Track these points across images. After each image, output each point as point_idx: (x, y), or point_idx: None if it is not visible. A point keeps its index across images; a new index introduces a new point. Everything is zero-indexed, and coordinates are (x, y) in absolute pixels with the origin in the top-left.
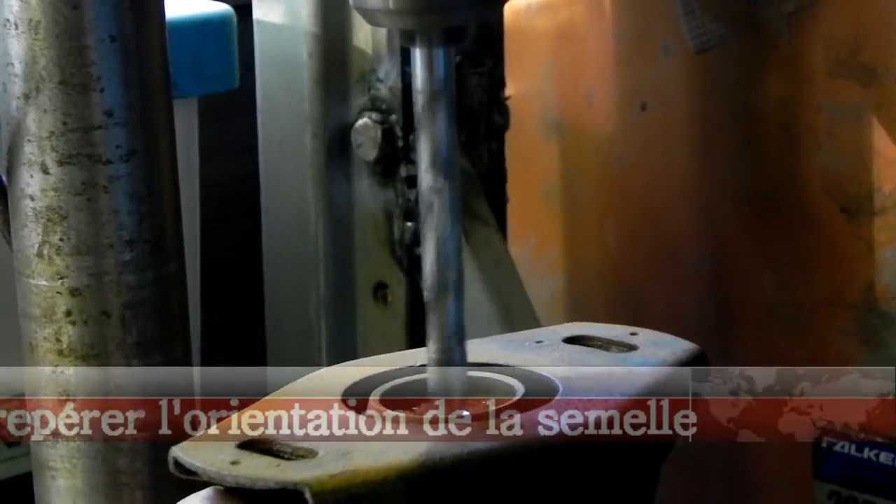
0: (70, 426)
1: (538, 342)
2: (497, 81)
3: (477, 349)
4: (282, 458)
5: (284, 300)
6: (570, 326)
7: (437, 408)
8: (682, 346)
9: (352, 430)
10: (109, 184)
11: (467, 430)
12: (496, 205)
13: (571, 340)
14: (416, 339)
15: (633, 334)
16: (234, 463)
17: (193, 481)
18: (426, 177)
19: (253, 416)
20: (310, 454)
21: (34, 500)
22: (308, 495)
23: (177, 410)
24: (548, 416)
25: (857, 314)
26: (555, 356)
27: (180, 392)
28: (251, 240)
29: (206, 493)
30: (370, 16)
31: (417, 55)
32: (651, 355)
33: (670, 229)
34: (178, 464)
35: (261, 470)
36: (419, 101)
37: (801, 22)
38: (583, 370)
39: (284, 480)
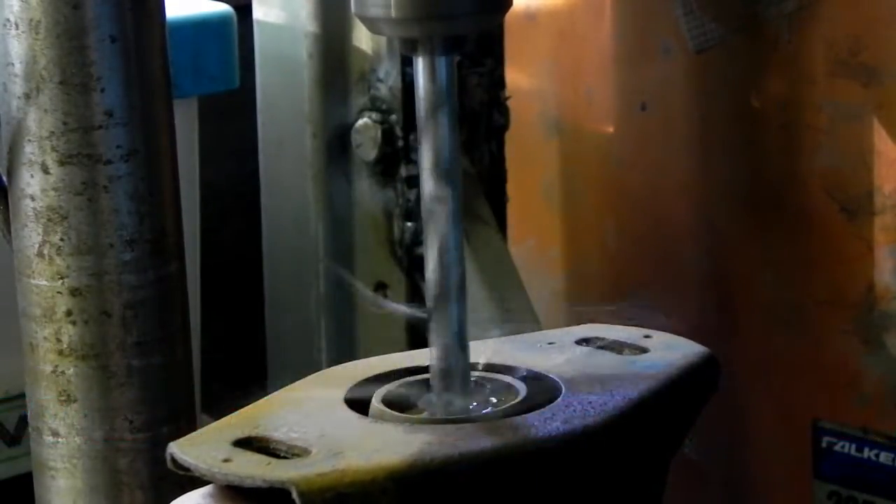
0: (70, 426)
1: (550, 343)
2: (497, 81)
3: (488, 349)
4: (276, 456)
5: (284, 300)
6: (584, 328)
7: (437, 409)
8: (693, 350)
9: (348, 430)
10: (110, 184)
11: (463, 432)
12: (496, 205)
13: (584, 342)
14: (416, 339)
15: (646, 337)
16: (225, 460)
17: (193, 478)
18: (428, 185)
19: (252, 414)
20: (303, 453)
21: (34, 500)
22: (295, 494)
23: (177, 410)
24: (545, 419)
25: (857, 314)
26: (564, 357)
27: (181, 392)
28: (251, 240)
29: (205, 490)
30: (372, 24)
31: (419, 63)
32: (661, 358)
33: (670, 229)
34: (174, 460)
35: (251, 468)
36: (421, 109)
37: (801, 22)
38: (588, 372)
39: (272, 479)
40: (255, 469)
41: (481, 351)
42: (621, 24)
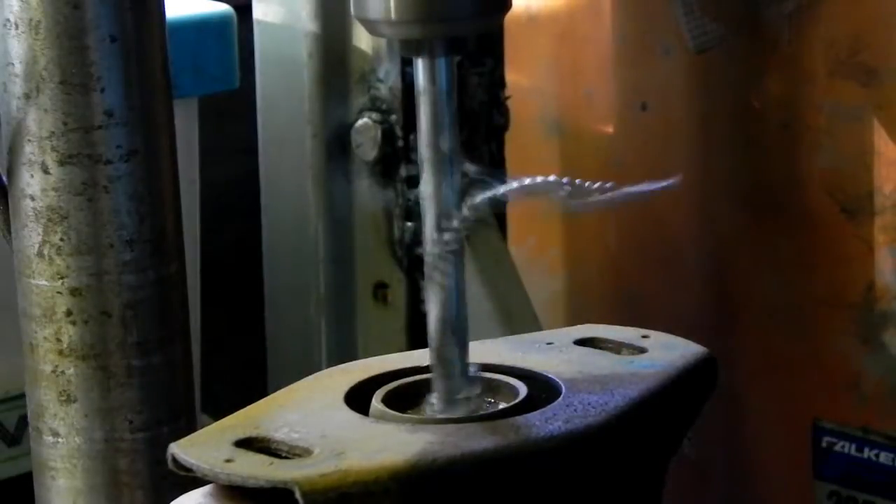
0: (70, 426)
1: (549, 344)
2: (497, 81)
3: (487, 350)
4: (277, 456)
5: (284, 300)
6: (582, 328)
7: (437, 409)
8: (691, 350)
9: (350, 431)
10: (110, 184)
11: (464, 432)
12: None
13: (582, 342)
14: (416, 339)
15: (644, 337)
16: (227, 461)
17: (195, 478)
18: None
19: (252, 415)
20: (305, 453)
21: (34, 500)
22: (298, 494)
23: (177, 410)
24: (546, 419)
25: (857, 314)
26: (563, 358)
27: (181, 392)
28: (251, 240)
29: (205, 489)
30: (372, 26)
31: (419, 65)
32: (659, 358)
33: (670, 229)
34: (175, 460)
35: (253, 468)
36: (422, 111)
37: (801, 22)
38: (587, 372)
39: (275, 479)
40: (257, 469)
41: (481, 351)
42: (621, 25)
